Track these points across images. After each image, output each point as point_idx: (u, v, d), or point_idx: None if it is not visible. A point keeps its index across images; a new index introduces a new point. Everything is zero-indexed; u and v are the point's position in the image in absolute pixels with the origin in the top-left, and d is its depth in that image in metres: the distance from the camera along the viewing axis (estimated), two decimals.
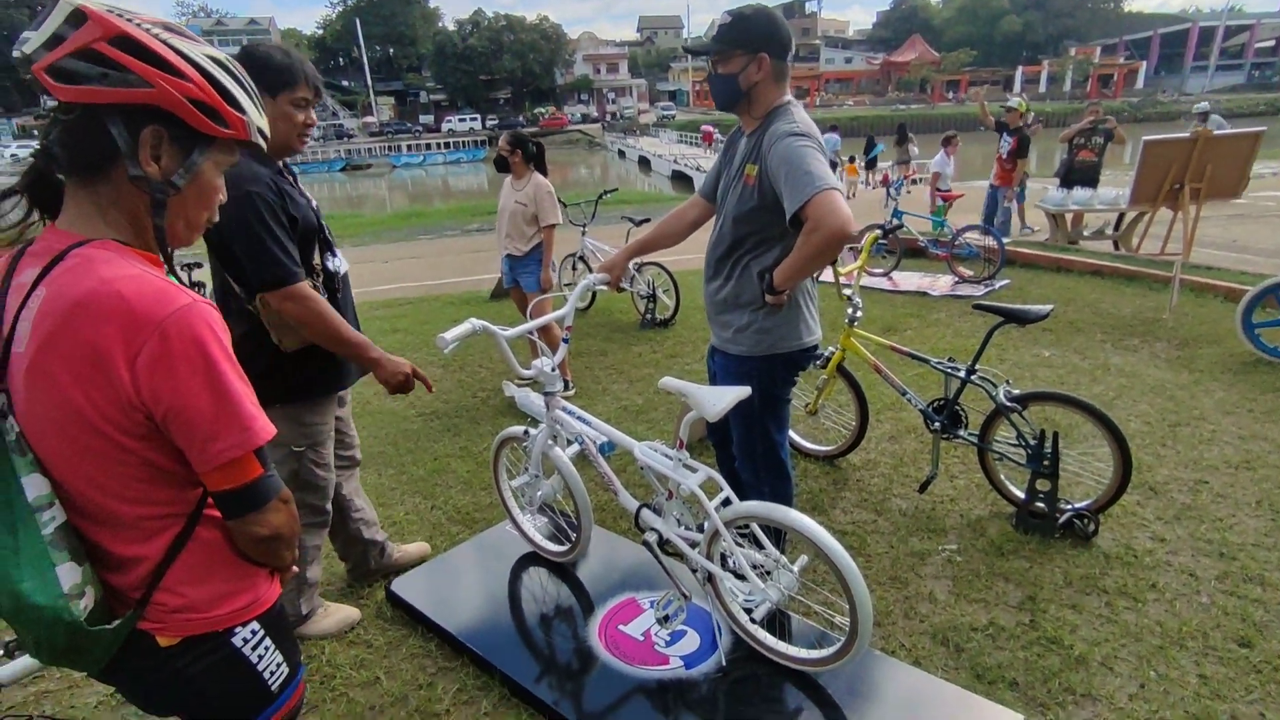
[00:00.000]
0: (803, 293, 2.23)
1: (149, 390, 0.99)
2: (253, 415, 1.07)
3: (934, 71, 62.93)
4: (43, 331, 0.98)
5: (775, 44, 2.08)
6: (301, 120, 2.06)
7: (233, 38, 64.71)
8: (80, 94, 0.97)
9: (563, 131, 57.45)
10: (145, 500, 1.07)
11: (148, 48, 0.99)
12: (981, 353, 3.04)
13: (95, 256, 1.00)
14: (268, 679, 1.23)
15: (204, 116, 1.04)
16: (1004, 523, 3.01)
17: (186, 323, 0.99)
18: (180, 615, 1.12)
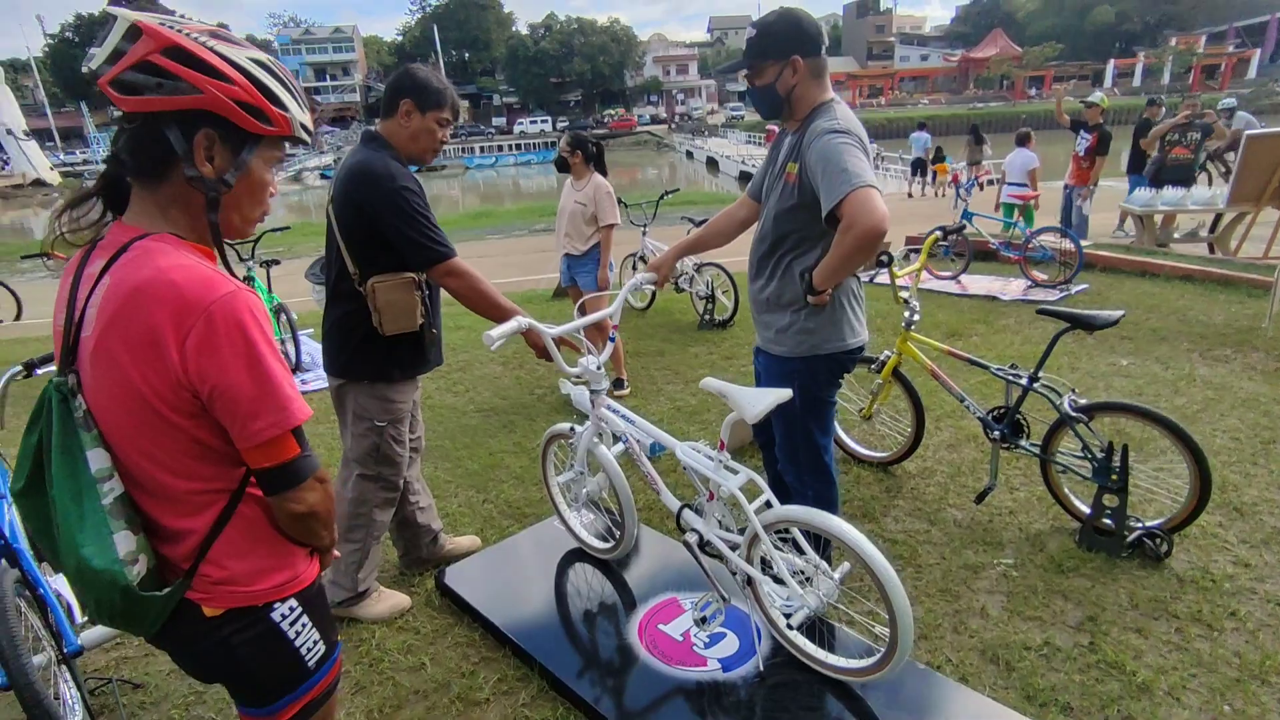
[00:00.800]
0: (847, 293, 2.19)
1: (196, 370, 1.06)
2: (290, 397, 1.13)
3: (1016, 67, 60.30)
4: (106, 315, 1.08)
5: (805, 43, 2.06)
6: (439, 137, 2.37)
7: (319, 45, 67.81)
8: (140, 104, 1.06)
9: (631, 133, 57.81)
10: (193, 475, 1.15)
11: (196, 56, 1.07)
12: (1045, 359, 2.91)
13: (153, 248, 1.09)
14: (304, 655, 1.29)
15: (250, 116, 1.12)
16: (1066, 539, 2.87)
17: (230, 308, 1.07)
18: (224, 587, 1.19)
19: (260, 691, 1.29)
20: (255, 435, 1.11)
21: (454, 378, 5.31)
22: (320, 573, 1.36)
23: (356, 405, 2.46)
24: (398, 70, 2.41)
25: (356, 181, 2.26)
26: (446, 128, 2.38)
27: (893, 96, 63.10)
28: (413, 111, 2.31)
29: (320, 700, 1.36)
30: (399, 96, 2.32)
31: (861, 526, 2.99)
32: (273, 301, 5.81)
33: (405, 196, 2.23)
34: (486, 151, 52.50)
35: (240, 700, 1.33)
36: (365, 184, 2.24)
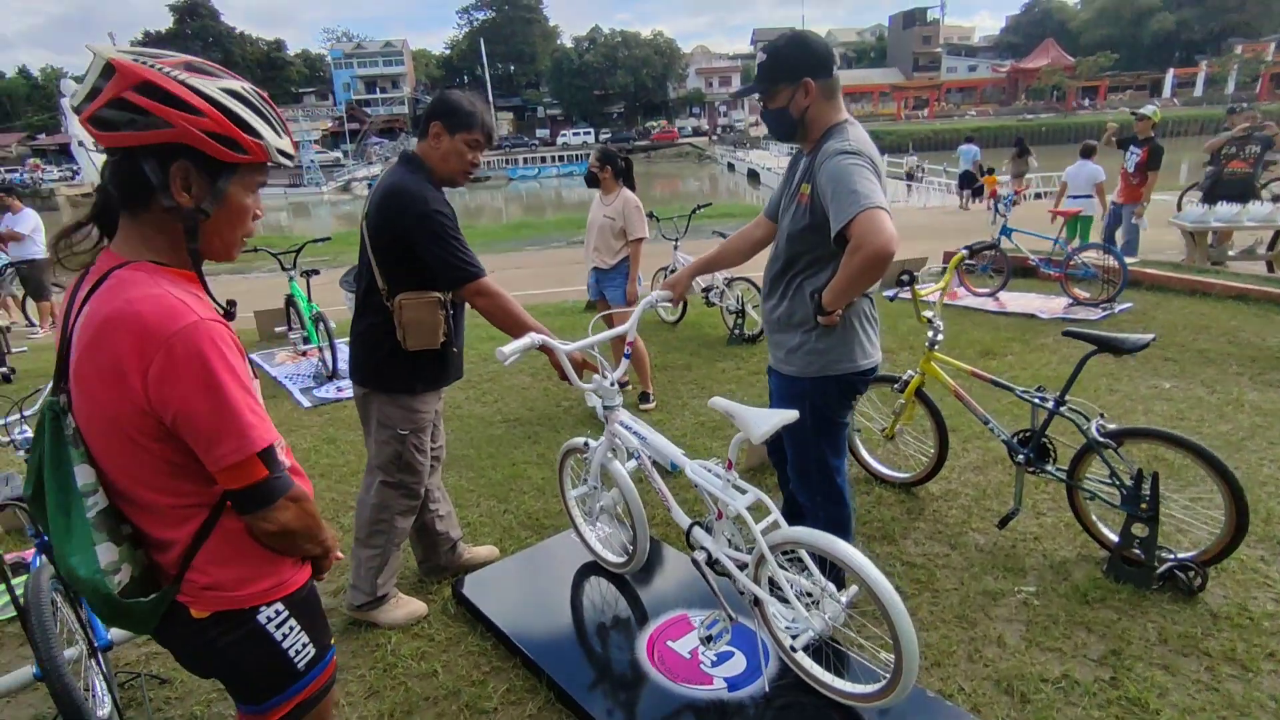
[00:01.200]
0: (859, 314, 2.18)
1: (158, 398, 1.11)
2: (250, 424, 1.16)
3: (1068, 78, 58.79)
4: (82, 343, 1.14)
5: (815, 65, 2.07)
6: (469, 159, 2.44)
7: (370, 59, 69.77)
8: (116, 139, 1.11)
9: (673, 145, 58.02)
10: (171, 491, 1.20)
11: (167, 90, 1.10)
12: (1073, 382, 2.84)
13: (126, 279, 1.14)
14: (293, 657, 1.34)
15: (222, 146, 1.14)
16: (1093, 568, 2.79)
17: (191, 339, 1.10)
18: (209, 592, 1.25)
19: (252, 690, 1.35)
20: (219, 460, 1.15)
21: (483, 388, 5.39)
22: (311, 577, 1.41)
23: (380, 414, 2.53)
24: (437, 94, 2.49)
25: (390, 203, 2.35)
26: (477, 150, 2.43)
27: (939, 108, 62.06)
28: (442, 134, 2.39)
29: (312, 701, 1.40)
30: (430, 119, 2.41)
31: (880, 549, 2.97)
32: (312, 310, 6.01)
33: (436, 219, 2.31)
34: (529, 163, 53.27)
35: (235, 697, 1.39)
36: (398, 206, 2.33)
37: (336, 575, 3.01)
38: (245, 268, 13.04)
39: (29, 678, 2.09)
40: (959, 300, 6.94)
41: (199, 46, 62.40)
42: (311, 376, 5.85)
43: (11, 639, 2.74)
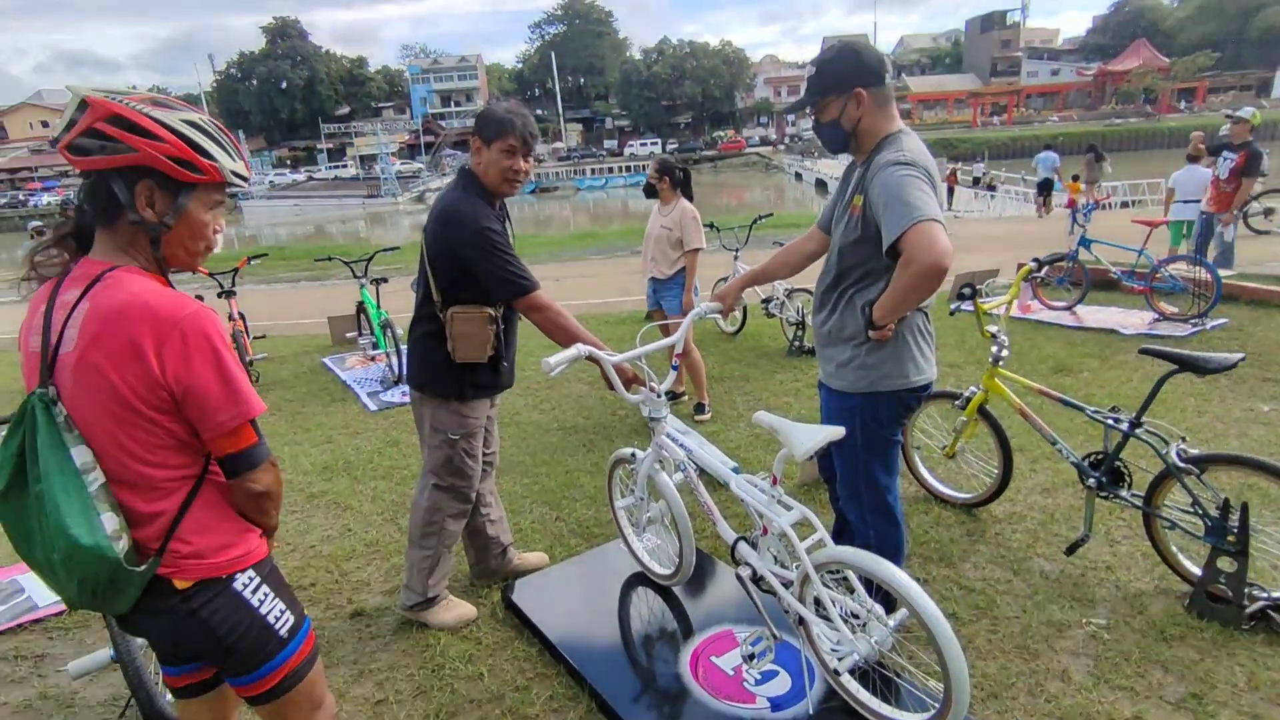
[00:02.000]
0: (912, 328, 2.11)
1: (172, 374, 1.28)
2: (249, 393, 1.35)
3: (1162, 79, 55.65)
4: (89, 333, 1.28)
5: (867, 75, 2.03)
6: (508, 165, 2.45)
7: (445, 74, 72.15)
8: (89, 163, 1.29)
9: (740, 154, 57.78)
10: (165, 464, 1.35)
11: (132, 121, 1.28)
12: (1150, 402, 2.68)
13: (124, 277, 1.31)
14: (273, 623, 1.45)
15: (180, 168, 1.32)
16: (1172, 602, 2.61)
17: (197, 323, 1.30)
18: (191, 561, 1.37)
19: (239, 660, 1.44)
20: (221, 426, 1.33)
21: (540, 395, 5.47)
22: (269, 553, 1.52)
23: (433, 418, 2.60)
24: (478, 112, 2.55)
25: (444, 223, 2.43)
26: (516, 156, 2.44)
27: (1018, 114, 59.71)
28: (480, 147, 2.45)
29: (301, 670, 1.50)
30: (472, 134, 2.47)
31: (937, 571, 2.86)
32: (381, 317, 6.23)
33: (488, 236, 2.38)
34: (597, 173, 54.00)
35: (227, 673, 1.48)
36: (452, 226, 2.41)
37: (394, 576, 3.10)
38: (322, 275, 13.63)
39: (106, 660, 2.22)
40: (1032, 314, 6.65)
41: (288, 65, 65.92)
42: (379, 381, 6.07)
43: (98, 621, 2.93)
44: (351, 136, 65.05)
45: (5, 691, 2.57)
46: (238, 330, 6.23)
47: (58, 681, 2.60)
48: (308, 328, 8.63)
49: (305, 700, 1.53)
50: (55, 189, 51.69)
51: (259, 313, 8.75)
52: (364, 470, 4.28)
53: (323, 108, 67.98)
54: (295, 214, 42.90)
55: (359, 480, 4.14)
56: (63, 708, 2.47)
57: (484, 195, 2.48)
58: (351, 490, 4.02)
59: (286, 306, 10.47)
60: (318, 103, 67.50)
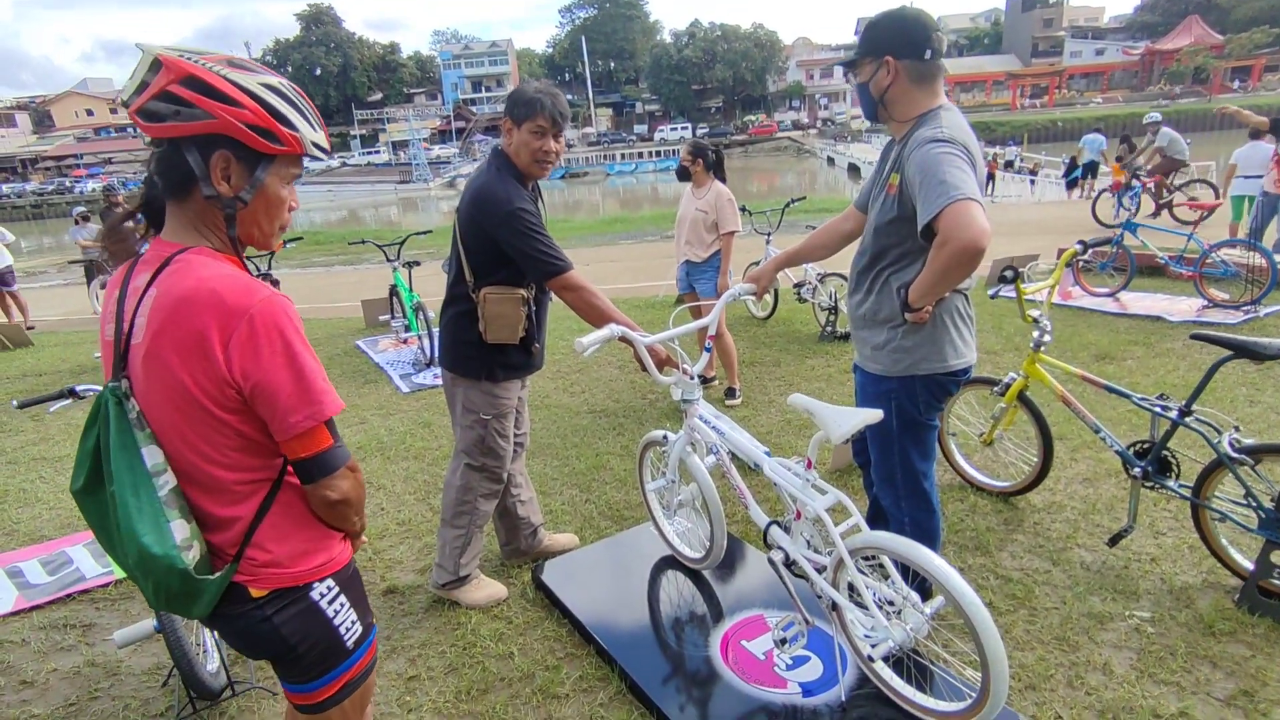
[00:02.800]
0: (950, 311, 2.05)
1: (240, 368, 1.17)
2: (323, 390, 1.23)
3: (1215, 58, 53.49)
4: (156, 323, 1.18)
5: (901, 44, 1.96)
6: (539, 146, 2.44)
7: (476, 59, 72.27)
8: (162, 130, 1.17)
9: (771, 139, 57.06)
10: (238, 466, 1.25)
11: (210, 84, 1.16)
12: (1201, 390, 2.58)
13: (194, 261, 1.21)
14: (343, 634, 1.37)
15: (260, 138, 1.20)
16: (1221, 597, 2.53)
17: (268, 312, 1.18)
18: (268, 569, 1.29)
19: (303, 668, 1.36)
20: (293, 428, 1.21)
21: (572, 379, 5.48)
22: (353, 557, 1.44)
23: (465, 399, 2.61)
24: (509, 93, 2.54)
25: (478, 204, 2.42)
26: (546, 136, 2.42)
27: (1060, 96, 57.92)
28: (511, 128, 2.43)
29: (358, 680, 1.43)
30: (502, 116, 2.47)
31: (973, 560, 2.81)
32: (413, 300, 6.28)
33: (520, 217, 2.37)
34: (627, 158, 53.81)
35: (285, 677, 1.40)
36: (485, 207, 2.40)
37: (426, 555, 3.14)
38: (355, 259, 13.80)
39: (150, 630, 2.27)
40: (1073, 300, 6.46)
41: (322, 51, 66.61)
42: (411, 363, 6.13)
43: (141, 593, 3.01)
44: (384, 122, 65.60)
45: (55, 659, 2.65)
46: None
47: (104, 650, 2.68)
48: (341, 311, 8.75)
49: (355, 711, 1.47)
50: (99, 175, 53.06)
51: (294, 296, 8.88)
52: (396, 451, 4.33)
53: (356, 94, 68.61)
54: (329, 199, 43.52)
55: (391, 460, 4.20)
56: (109, 675, 2.55)
57: (517, 176, 2.47)
58: (384, 470, 4.07)
59: (321, 290, 10.63)
60: (351, 89, 68.14)
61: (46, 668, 2.61)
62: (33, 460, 4.61)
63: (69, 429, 5.12)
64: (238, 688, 2.37)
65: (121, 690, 2.47)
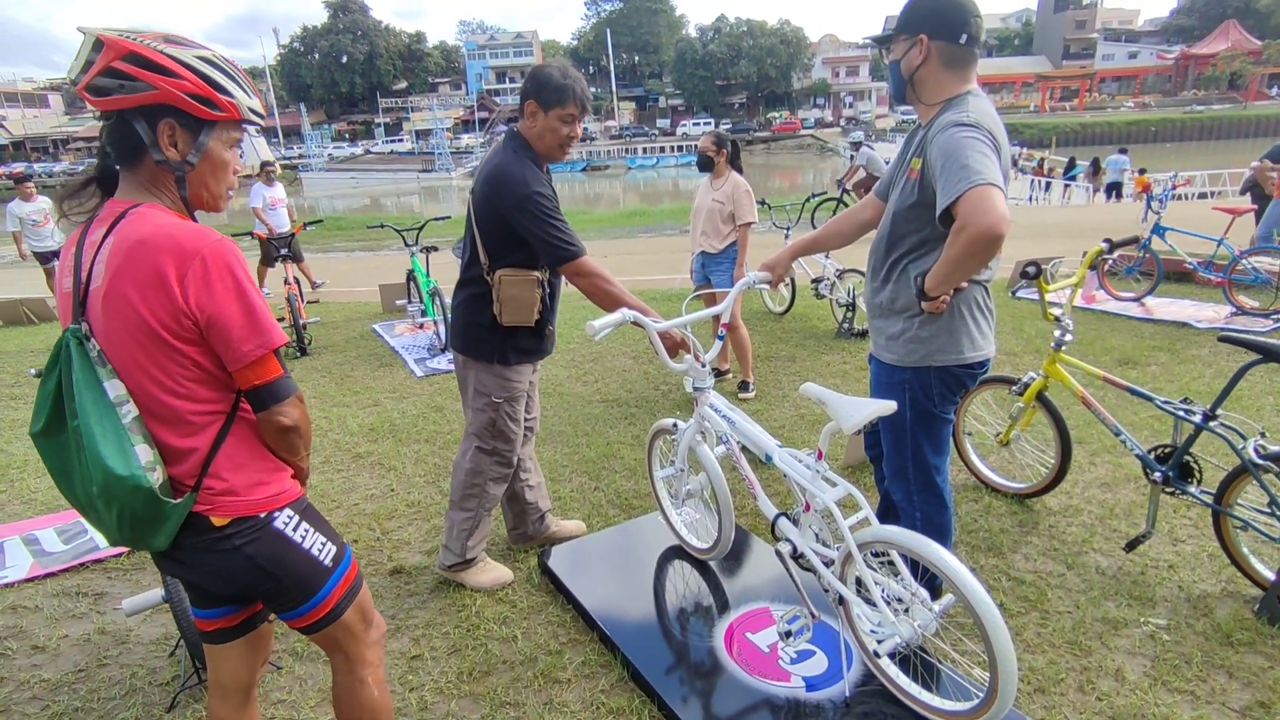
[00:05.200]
0: (969, 302, 2.01)
1: (195, 301, 1.28)
2: (271, 324, 1.35)
3: (1252, 64, 52.36)
4: (114, 265, 1.28)
5: (939, 24, 1.91)
6: (566, 133, 2.44)
7: (501, 50, 72.36)
8: (109, 103, 1.28)
9: (794, 136, 56.66)
10: (195, 398, 1.35)
11: (149, 59, 1.28)
12: (1227, 394, 2.51)
13: (147, 213, 1.32)
14: (317, 554, 1.48)
15: (200, 105, 1.32)
16: (1240, 607, 2.46)
17: (219, 252, 1.30)
18: (225, 498, 1.38)
19: (292, 595, 1.46)
20: (245, 356, 1.32)
21: (585, 367, 5.47)
22: (304, 493, 1.53)
23: (477, 381, 2.60)
24: (530, 70, 2.51)
25: (494, 185, 2.40)
26: (573, 124, 2.42)
27: (1090, 99, 56.98)
28: (536, 111, 2.41)
29: (350, 595, 1.54)
30: (525, 98, 2.43)
31: (985, 561, 2.77)
32: (430, 285, 6.30)
33: (537, 201, 2.35)
34: (649, 153, 53.65)
35: (279, 608, 1.49)
36: (501, 188, 2.38)
37: (433, 536, 3.14)
38: (375, 245, 13.88)
39: (158, 599, 2.30)
40: (1097, 304, 6.35)
41: (349, 39, 66.98)
42: (426, 348, 6.15)
43: (153, 564, 3.04)
44: (408, 111, 65.90)
45: (67, 626, 2.69)
46: (292, 294, 6.36)
47: (114, 619, 2.71)
48: (360, 295, 8.80)
49: (358, 621, 1.57)
50: None
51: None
52: (408, 433, 4.34)
53: (381, 82, 68.98)
54: (352, 186, 43.83)
55: (403, 443, 4.21)
56: (118, 643, 2.58)
57: (534, 159, 2.45)
58: (396, 453, 4.08)
59: (341, 274, 10.70)
60: (376, 77, 68.51)
61: (58, 634, 2.64)
62: None
63: None
64: None
65: (129, 658, 2.50)
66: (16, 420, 4.92)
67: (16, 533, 3.36)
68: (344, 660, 1.60)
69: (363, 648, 1.60)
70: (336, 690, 1.62)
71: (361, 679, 1.60)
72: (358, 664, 1.59)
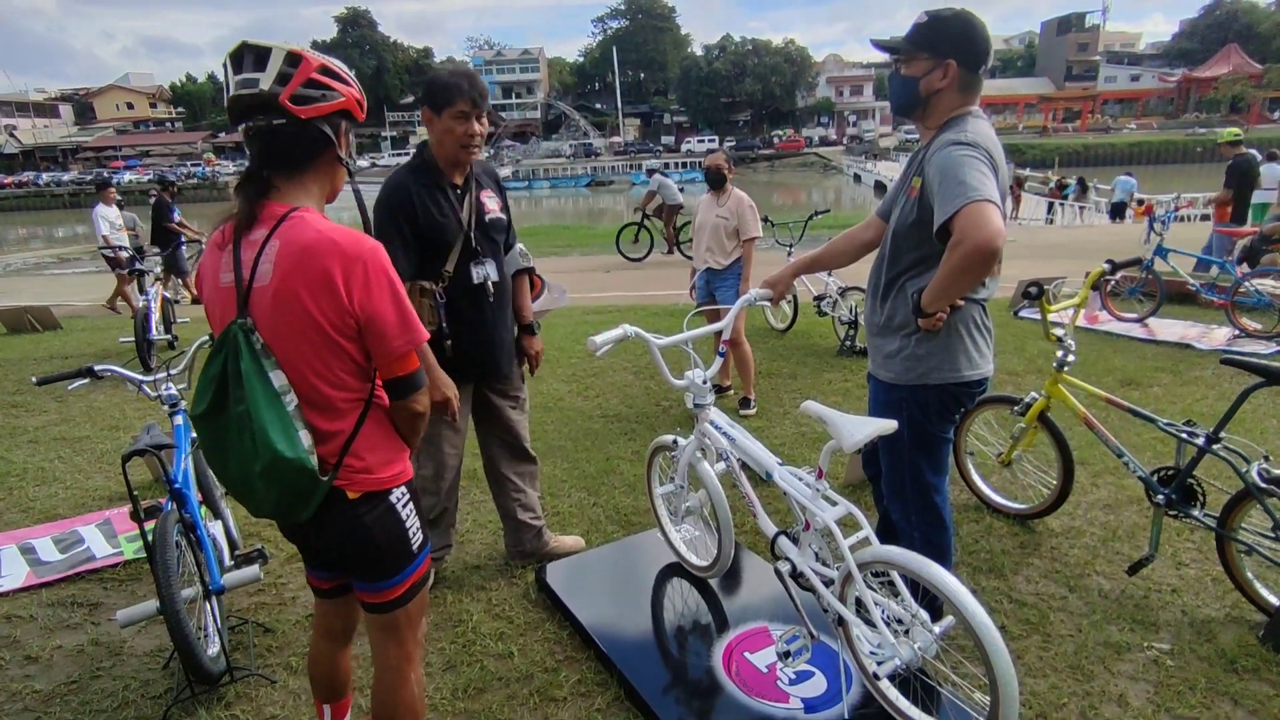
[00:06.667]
0: (966, 320, 2.00)
1: (359, 302, 1.42)
2: (417, 322, 1.49)
3: (1253, 87, 52.66)
4: (284, 267, 1.40)
5: (967, 52, 1.92)
6: (462, 131, 2.36)
7: (508, 66, 72.98)
8: (313, 110, 1.44)
9: (798, 154, 56.95)
10: (345, 386, 1.49)
11: (336, 71, 1.48)
12: (1230, 417, 2.50)
13: (309, 218, 1.45)
14: (411, 537, 1.61)
15: (359, 110, 1.53)
16: (1245, 633, 2.44)
17: (378, 258, 1.45)
18: (361, 475, 1.52)
19: (383, 567, 1.59)
20: (395, 351, 1.47)
21: (586, 382, 5.47)
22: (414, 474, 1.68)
23: None
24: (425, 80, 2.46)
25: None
26: (469, 121, 2.34)
27: (1093, 121, 57.28)
28: (431, 118, 2.38)
29: (420, 584, 1.67)
30: (419, 106, 2.41)
31: (986, 582, 2.74)
32: None
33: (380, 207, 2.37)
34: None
35: (365, 577, 1.61)
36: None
37: None
38: None
39: (153, 610, 2.28)
40: (1100, 324, 6.34)
41: (358, 53, 67.64)
42: None
43: (149, 574, 3.02)
44: (415, 125, 66.36)
45: (61, 636, 2.67)
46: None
47: (109, 630, 2.69)
48: None
49: (418, 613, 1.71)
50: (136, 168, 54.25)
51: None
52: None
53: (388, 96, 69.53)
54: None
55: None
56: (111, 655, 2.56)
57: (426, 169, 2.42)
58: None
59: None
60: (383, 91, 69.06)
61: (51, 644, 2.62)
62: (53, 440, 4.67)
63: (90, 411, 5.20)
64: (236, 674, 2.36)
65: (123, 670, 2.48)
66: (18, 428, 4.92)
67: (13, 541, 3.35)
68: (395, 650, 1.68)
69: (412, 643, 1.71)
70: (379, 685, 1.71)
71: (405, 677, 1.70)
72: (404, 661, 1.69)
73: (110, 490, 3.90)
